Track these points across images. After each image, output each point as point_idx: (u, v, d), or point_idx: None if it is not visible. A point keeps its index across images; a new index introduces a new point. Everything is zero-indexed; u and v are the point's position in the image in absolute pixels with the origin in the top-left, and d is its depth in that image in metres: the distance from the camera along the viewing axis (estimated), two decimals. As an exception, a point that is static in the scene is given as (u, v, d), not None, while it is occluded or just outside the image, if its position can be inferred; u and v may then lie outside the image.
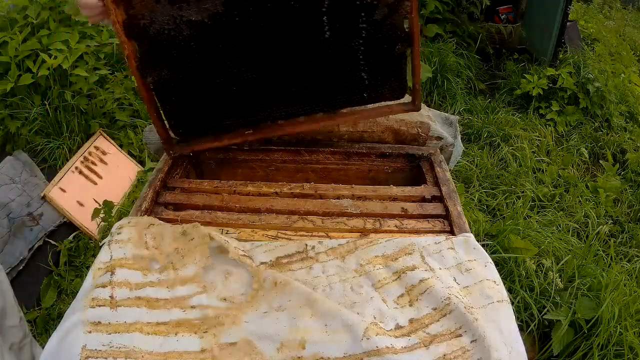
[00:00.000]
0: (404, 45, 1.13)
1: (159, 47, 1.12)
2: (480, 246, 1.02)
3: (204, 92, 1.17)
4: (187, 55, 1.13)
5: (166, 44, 1.11)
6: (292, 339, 0.84)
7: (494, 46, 4.43)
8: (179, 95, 1.18)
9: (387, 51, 1.12)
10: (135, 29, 1.10)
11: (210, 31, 1.09)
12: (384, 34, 1.09)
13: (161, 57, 1.13)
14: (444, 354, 0.82)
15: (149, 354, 0.83)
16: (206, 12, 1.07)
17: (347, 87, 1.17)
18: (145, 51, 1.13)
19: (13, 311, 1.39)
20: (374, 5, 1.05)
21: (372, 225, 1.08)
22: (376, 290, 0.94)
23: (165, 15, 1.08)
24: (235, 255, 0.98)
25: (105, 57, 2.99)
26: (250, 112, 1.20)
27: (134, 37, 1.11)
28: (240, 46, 1.10)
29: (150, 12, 1.07)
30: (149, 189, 1.19)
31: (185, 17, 1.08)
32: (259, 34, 1.08)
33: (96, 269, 0.97)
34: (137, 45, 1.12)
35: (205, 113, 1.21)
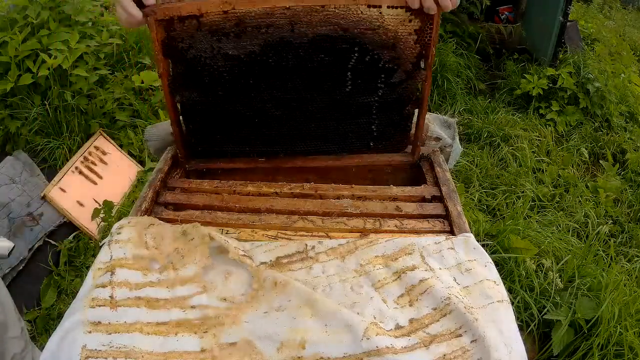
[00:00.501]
0: (413, 107, 1.24)
1: (193, 71, 1.18)
2: (480, 246, 1.02)
3: (229, 119, 1.24)
4: (218, 84, 1.20)
5: (200, 70, 1.17)
6: (292, 339, 0.84)
7: (494, 46, 4.43)
8: (204, 117, 1.25)
9: (397, 110, 1.24)
10: (173, 50, 1.16)
11: (244, 67, 1.17)
12: (398, 95, 1.21)
13: (193, 81, 1.20)
14: (444, 354, 0.82)
15: (149, 354, 0.83)
16: (243, 50, 1.14)
17: (358, 135, 1.28)
18: (178, 72, 1.19)
19: (14, 322, 1.40)
20: (394, 70, 1.16)
21: (372, 225, 1.08)
22: (376, 290, 0.94)
23: (204, 44, 1.14)
24: (235, 255, 0.98)
25: (105, 57, 2.99)
26: (269, 144, 1.28)
27: (171, 57, 1.17)
28: (269, 84, 1.19)
29: (190, 37, 1.13)
30: (149, 189, 1.19)
31: (222, 50, 1.14)
32: (289, 77, 1.18)
33: (96, 269, 0.97)
34: (171, 64, 1.19)
35: (227, 138, 1.29)
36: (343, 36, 1.11)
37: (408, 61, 1.15)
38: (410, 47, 1.13)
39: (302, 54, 1.14)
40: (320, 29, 1.11)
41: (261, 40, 1.12)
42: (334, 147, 1.29)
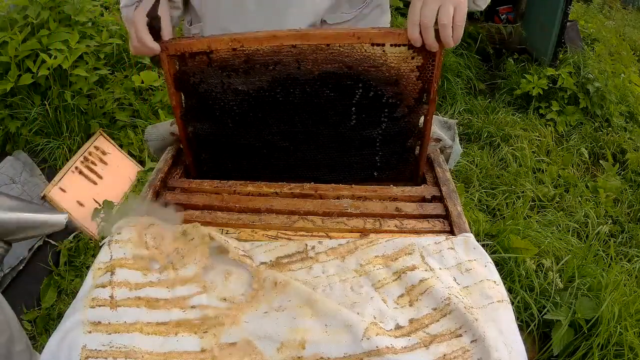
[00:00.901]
0: (415, 140, 1.27)
1: (205, 104, 1.22)
2: (480, 246, 1.02)
3: (239, 150, 1.29)
4: (228, 117, 1.24)
5: (211, 103, 1.22)
6: (292, 339, 0.84)
7: (494, 46, 4.43)
8: (215, 147, 1.30)
9: (400, 142, 1.27)
10: (185, 83, 1.20)
11: (253, 101, 1.20)
12: (400, 129, 1.23)
13: (205, 114, 1.25)
14: (444, 354, 0.82)
15: (149, 354, 0.83)
16: (252, 85, 1.18)
17: (362, 165, 1.32)
18: (191, 105, 1.24)
19: (20, 335, 1.41)
20: (396, 105, 1.18)
21: (372, 225, 1.08)
22: (376, 290, 0.94)
23: (214, 79, 1.17)
24: (235, 255, 0.98)
25: (105, 57, 2.98)
26: (277, 172, 1.32)
27: (183, 90, 1.22)
28: (277, 118, 1.23)
29: (201, 72, 1.17)
30: (149, 189, 1.19)
31: (232, 85, 1.18)
32: (296, 112, 1.21)
33: (96, 269, 0.97)
34: (184, 97, 1.23)
35: (236, 166, 1.34)
36: (348, 73, 1.14)
37: (410, 96, 1.17)
38: (413, 83, 1.15)
39: (308, 90, 1.17)
40: (325, 67, 1.14)
41: (269, 76, 1.16)
42: (339, 177, 1.32)
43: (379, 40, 1.09)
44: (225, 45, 1.12)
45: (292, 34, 1.09)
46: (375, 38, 1.09)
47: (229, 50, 1.13)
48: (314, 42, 1.10)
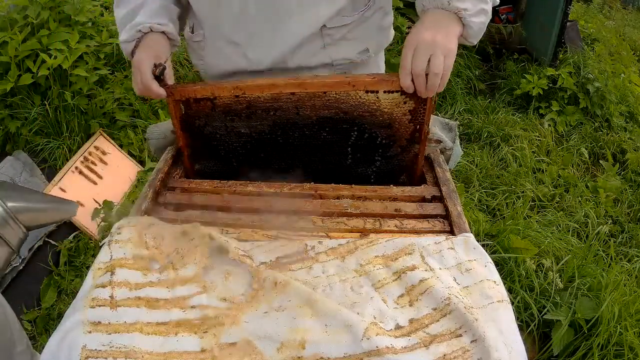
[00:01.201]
0: (407, 176, 1.33)
1: (210, 145, 1.30)
2: (480, 246, 1.02)
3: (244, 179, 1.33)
4: (233, 156, 1.32)
5: (216, 144, 1.30)
6: (292, 339, 0.84)
7: (494, 46, 4.43)
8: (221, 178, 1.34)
9: (392, 179, 1.31)
10: (191, 126, 1.27)
11: (255, 142, 1.28)
12: (393, 166, 1.29)
13: (210, 153, 1.33)
14: (444, 354, 0.82)
15: (149, 354, 0.83)
16: (254, 129, 1.24)
17: None
18: (197, 145, 1.31)
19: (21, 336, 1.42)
20: (390, 145, 1.24)
21: (372, 226, 1.08)
22: (376, 290, 0.94)
23: (218, 122, 1.24)
24: (235, 255, 0.98)
25: (105, 57, 2.98)
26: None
27: (189, 132, 1.28)
28: (278, 157, 1.31)
29: (205, 116, 1.23)
30: (149, 189, 1.19)
31: (235, 129, 1.25)
32: (295, 152, 1.29)
33: (96, 269, 0.97)
34: (190, 138, 1.29)
35: None
36: (344, 118, 1.19)
37: (403, 137, 1.22)
38: (405, 125, 1.20)
39: (307, 133, 1.24)
40: (323, 112, 1.19)
41: (270, 121, 1.22)
42: None
43: (373, 88, 1.15)
44: (228, 92, 1.18)
45: (290, 83, 1.15)
46: (369, 85, 1.14)
47: (231, 96, 1.19)
48: (312, 90, 1.16)
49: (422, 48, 1.05)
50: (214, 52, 1.35)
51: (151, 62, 1.18)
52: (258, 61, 1.31)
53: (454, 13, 1.09)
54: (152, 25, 1.24)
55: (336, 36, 1.30)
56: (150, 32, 1.24)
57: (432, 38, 1.05)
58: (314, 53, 1.31)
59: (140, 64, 1.18)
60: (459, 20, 1.10)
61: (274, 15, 1.23)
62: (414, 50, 1.06)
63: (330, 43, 1.31)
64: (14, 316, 1.42)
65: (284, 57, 1.29)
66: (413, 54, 1.06)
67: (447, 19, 1.09)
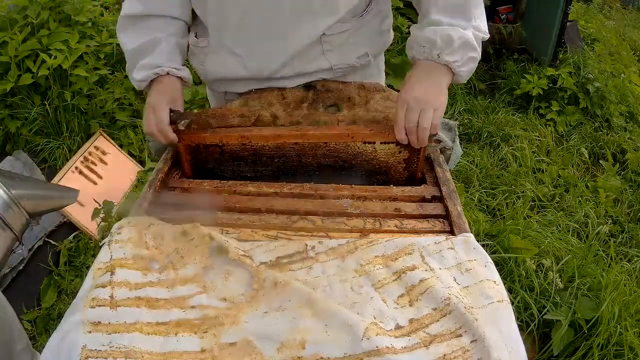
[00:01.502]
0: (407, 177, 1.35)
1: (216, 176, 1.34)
2: (480, 246, 1.02)
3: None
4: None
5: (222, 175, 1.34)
6: (292, 339, 0.84)
7: (494, 46, 4.43)
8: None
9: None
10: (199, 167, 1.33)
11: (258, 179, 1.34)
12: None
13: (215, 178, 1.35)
14: (444, 354, 0.82)
15: (149, 354, 0.83)
16: (259, 173, 1.32)
17: None
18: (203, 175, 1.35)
19: (21, 334, 1.42)
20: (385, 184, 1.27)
21: (372, 225, 1.08)
22: (376, 290, 0.94)
23: (226, 166, 1.31)
24: (235, 255, 0.98)
25: (105, 57, 2.99)
26: None
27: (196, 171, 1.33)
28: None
29: (214, 160, 1.31)
30: (149, 189, 1.19)
31: (242, 172, 1.32)
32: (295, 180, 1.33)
33: (96, 269, 0.97)
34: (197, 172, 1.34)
35: None
36: (342, 165, 1.28)
37: (397, 183, 1.28)
38: (400, 172, 1.28)
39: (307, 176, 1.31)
40: (323, 160, 1.27)
41: (274, 167, 1.30)
42: None
43: (370, 139, 1.23)
44: (236, 141, 1.26)
45: (293, 134, 1.24)
46: (366, 137, 1.23)
47: (238, 144, 1.26)
48: (313, 141, 1.24)
49: (413, 106, 1.13)
50: (215, 60, 1.36)
51: (167, 107, 1.23)
52: (258, 71, 1.33)
53: (443, 65, 1.16)
54: (170, 70, 1.28)
55: (335, 42, 1.31)
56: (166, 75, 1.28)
57: (423, 96, 1.13)
58: (313, 59, 1.32)
59: (157, 108, 1.22)
60: (449, 70, 1.17)
61: (273, 28, 1.24)
62: (406, 108, 1.14)
63: (330, 49, 1.31)
64: (14, 315, 1.42)
65: (283, 66, 1.31)
66: (405, 111, 1.14)
67: (438, 71, 1.17)
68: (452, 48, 1.14)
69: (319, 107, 1.36)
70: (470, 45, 1.16)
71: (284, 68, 1.32)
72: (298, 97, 1.37)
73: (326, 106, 1.36)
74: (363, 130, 1.23)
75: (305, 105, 1.36)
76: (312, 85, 1.38)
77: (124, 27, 1.31)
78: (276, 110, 1.34)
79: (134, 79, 1.30)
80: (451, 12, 1.16)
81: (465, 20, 1.16)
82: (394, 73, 3.41)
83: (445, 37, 1.14)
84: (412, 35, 1.23)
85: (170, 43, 1.30)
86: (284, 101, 1.37)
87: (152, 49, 1.28)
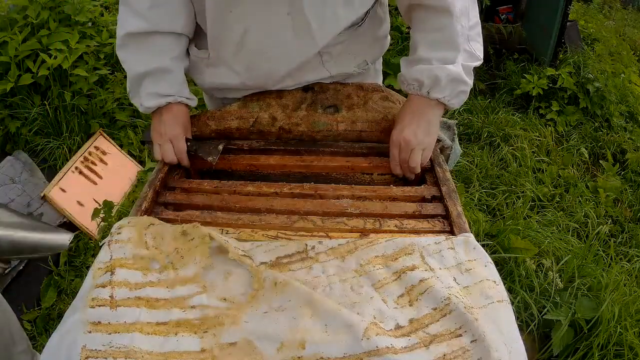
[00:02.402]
0: None
1: None
2: (480, 246, 1.02)
3: None
4: None
5: None
6: (292, 339, 0.84)
7: (494, 46, 4.43)
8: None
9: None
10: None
11: None
12: None
13: None
14: (444, 354, 0.82)
15: (149, 354, 0.83)
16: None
17: None
18: None
19: (21, 336, 1.42)
20: None
21: (372, 225, 1.08)
22: (376, 290, 0.94)
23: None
24: (235, 255, 0.98)
25: (105, 57, 2.99)
26: None
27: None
28: None
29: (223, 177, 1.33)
30: (149, 189, 1.19)
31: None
32: None
33: (96, 269, 0.97)
34: None
35: None
36: None
37: None
38: None
39: None
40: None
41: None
42: None
43: (369, 171, 1.32)
44: (244, 167, 1.33)
45: (298, 164, 1.31)
46: (365, 169, 1.31)
47: (246, 170, 1.33)
48: (316, 171, 1.32)
49: (404, 147, 1.22)
50: (214, 73, 1.35)
51: (184, 137, 1.28)
52: (256, 87, 1.35)
53: (434, 99, 1.20)
54: (182, 100, 1.29)
55: (334, 53, 1.31)
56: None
57: (412, 138, 1.21)
58: (311, 70, 1.32)
59: (176, 139, 1.27)
60: (440, 103, 1.21)
61: (274, 48, 1.24)
62: (399, 148, 1.23)
63: (329, 60, 1.32)
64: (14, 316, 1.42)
65: (282, 80, 1.32)
66: (398, 151, 1.24)
67: (428, 106, 1.22)
68: (440, 86, 1.18)
69: (318, 108, 1.36)
70: (459, 80, 1.18)
71: (283, 81, 1.33)
72: (296, 99, 1.37)
73: (325, 107, 1.36)
74: (362, 162, 1.30)
75: (304, 106, 1.36)
76: (310, 86, 1.39)
77: (126, 46, 1.23)
78: (274, 112, 1.35)
79: (142, 105, 1.27)
80: (439, 47, 1.18)
81: (454, 53, 1.18)
82: (394, 73, 3.41)
83: (432, 77, 1.17)
84: (402, 70, 1.27)
85: (180, 70, 1.29)
86: (282, 102, 1.37)
87: (163, 77, 1.25)
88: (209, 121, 1.36)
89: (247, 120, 1.35)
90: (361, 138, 1.36)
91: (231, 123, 1.35)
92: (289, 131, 1.35)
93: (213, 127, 1.36)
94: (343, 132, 1.35)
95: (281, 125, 1.34)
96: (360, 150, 1.34)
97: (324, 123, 1.34)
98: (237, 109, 1.37)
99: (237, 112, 1.36)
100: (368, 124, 1.34)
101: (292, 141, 1.38)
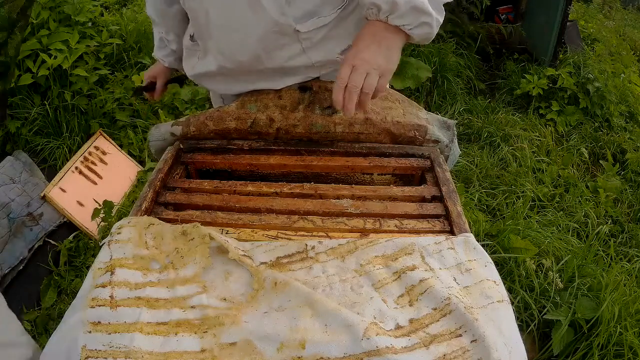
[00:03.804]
0: None
1: None
2: (480, 246, 1.02)
3: None
4: None
5: None
6: (292, 339, 0.84)
7: (494, 46, 4.43)
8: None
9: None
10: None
11: None
12: None
13: None
14: (444, 354, 0.82)
15: (149, 354, 0.83)
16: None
17: None
18: None
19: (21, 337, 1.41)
20: None
21: (372, 225, 1.08)
22: (376, 290, 0.94)
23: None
24: (235, 255, 0.98)
25: (105, 57, 2.99)
26: None
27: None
28: None
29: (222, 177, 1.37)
30: (149, 189, 1.19)
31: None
32: None
33: (96, 269, 0.97)
34: None
35: None
36: None
37: None
38: None
39: None
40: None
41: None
42: None
43: (369, 171, 1.32)
44: (244, 167, 1.32)
45: (298, 164, 1.30)
46: (365, 169, 1.31)
47: (247, 170, 1.34)
48: (317, 171, 1.31)
49: (360, 67, 1.07)
50: (205, 63, 1.38)
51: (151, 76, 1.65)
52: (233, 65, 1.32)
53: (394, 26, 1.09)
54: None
55: (315, 39, 1.26)
56: None
57: (371, 58, 1.07)
58: (292, 56, 1.29)
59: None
60: (402, 30, 1.09)
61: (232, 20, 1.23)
62: (351, 68, 1.07)
63: (310, 46, 1.27)
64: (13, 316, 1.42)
65: (256, 58, 1.28)
66: (350, 71, 1.07)
67: (388, 31, 1.09)
68: (399, 12, 1.06)
69: (315, 109, 1.35)
70: (420, 10, 1.06)
71: (257, 60, 1.28)
72: (294, 99, 1.37)
73: (322, 108, 1.36)
74: (362, 162, 1.29)
75: (301, 107, 1.36)
76: (307, 86, 1.38)
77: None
78: (272, 113, 1.34)
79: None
80: None
81: None
82: (394, 73, 3.40)
83: (390, 2, 1.05)
84: None
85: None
86: (280, 103, 1.36)
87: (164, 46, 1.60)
88: (208, 121, 1.36)
89: (245, 121, 1.34)
90: (359, 140, 1.36)
91: (229, 124, 1.35)
92: (286, 132, 1.35)
93: (211, 127, 1.36)
94: (340, 134, 1.35)
95: (279, 127, 1.34)
96: (360, 150, 1.34)
97: (322, 125, 1.33)
98: (235, 110, 1.37)
99: (235, 113, 1.36)
100: (366, 125, 1.34)
101: (292, 141, 1.37)
